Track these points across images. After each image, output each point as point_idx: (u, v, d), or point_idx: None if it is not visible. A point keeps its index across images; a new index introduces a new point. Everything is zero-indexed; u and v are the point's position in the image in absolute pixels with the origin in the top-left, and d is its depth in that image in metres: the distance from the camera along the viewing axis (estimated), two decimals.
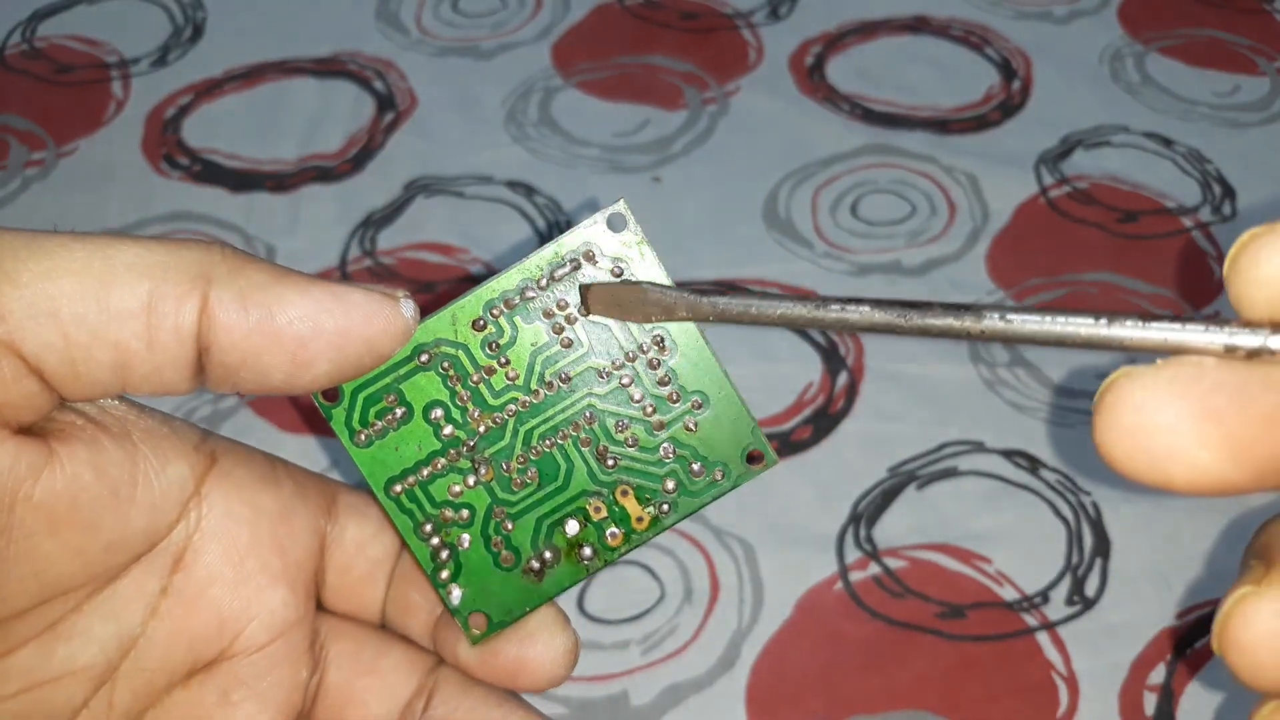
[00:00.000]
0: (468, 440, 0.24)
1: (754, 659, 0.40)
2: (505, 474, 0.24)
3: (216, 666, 0.24)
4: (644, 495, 0.24)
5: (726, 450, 0.24)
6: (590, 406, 0.24)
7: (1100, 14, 0.64)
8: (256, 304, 0.20)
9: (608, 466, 0.24)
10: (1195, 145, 0.57)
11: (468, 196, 0.55)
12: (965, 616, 0.41)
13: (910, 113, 0.59)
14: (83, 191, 0.55)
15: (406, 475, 0.24)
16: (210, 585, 0.23)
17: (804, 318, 0.20)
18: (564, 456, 0.24)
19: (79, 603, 0.22)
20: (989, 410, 0.46)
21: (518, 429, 0.24)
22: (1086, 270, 0.51)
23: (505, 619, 0.24)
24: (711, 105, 0.59)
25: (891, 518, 0.44)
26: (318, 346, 0.21)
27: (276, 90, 0.60)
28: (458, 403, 0.23)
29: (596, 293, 0.23)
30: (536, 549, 0.24)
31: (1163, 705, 0.39)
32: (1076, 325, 0.18)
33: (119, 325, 0.20)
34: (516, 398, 0.23)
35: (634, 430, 0.24)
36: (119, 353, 0.20)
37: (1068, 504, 0.44)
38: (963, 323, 0.19)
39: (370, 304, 0.21)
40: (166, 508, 0.22)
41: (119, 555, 0.22)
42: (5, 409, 0.20)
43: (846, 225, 0.54)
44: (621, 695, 0.39)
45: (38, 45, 0.63)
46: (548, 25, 0.64)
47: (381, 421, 0.23)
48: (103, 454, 0.21)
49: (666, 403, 0.24)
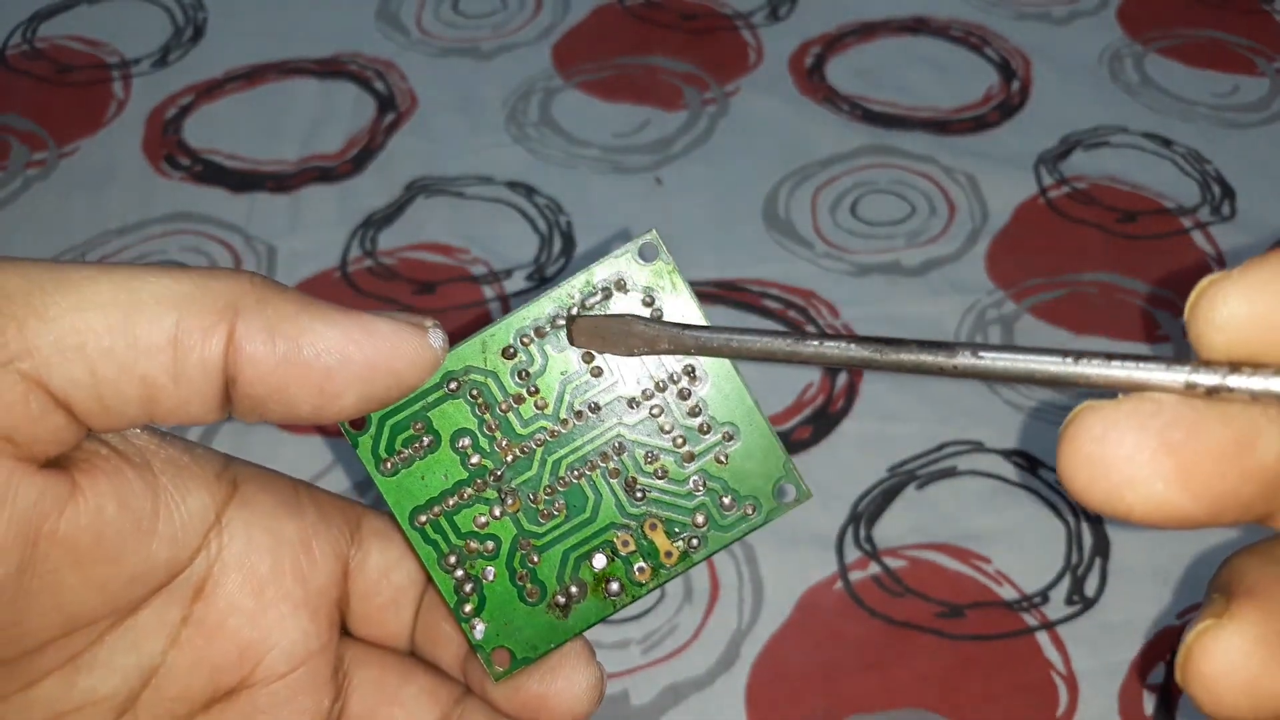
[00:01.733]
0: (495, 470, 0.23)
1: (754, 658, 0.40)
2: (532, 505, 0.23)
3: (238, 695, 0.24)
4: (673, 529, 0.24)
5: (757, 484, 0.23)
6: (619, 437, 0.23)
7: (1099, 14, 0.64)
8: (284, 336, 0.20)
9: (636, 499, 0.23)
10: (1194, 145, 0.57)
11: (468, 197, 0.55)
12: (965, 616, 0.41)
13: (910, 113, 0.59)
14: (84, 192, 0.55)
15: (432, 505, 0.23)
16: (231, 615, 0.23)
17: (782, 352, 0.21)
18: (592, 488, 0.23)
19: (101, 634, 0.22)
20: (989, 410, 0.47)
21: (545, 459, 0.23)
22: (1085, 270, 0.52)
23: (529, 655, 0.24)
24: (711, 106, 0.59)
25: (891, 517, 0.44)
26: (345, 378, 0.21)
27: (277, 91, 0.60)
28: (485, 431, 0.23)
29: (581, 325, 0.23)
30: (562, 584, 0.24)
31: (1162, 705, 0.39)
32: (1045, 363, 0.18)
33: (146, 359, 0.20)
34: (545, 427, 0.23)
35: (663, 462, 0.23)
36: (146, 387, 0.20)
37: (1067, 504, 0.44)
38: (936, 359, 0.19)
39: (398, 335, 0.21)
40: (188, 538, 0.22)
41: (141, 587, 0.22)
42: (32, 444, 0.19)
43: (846, 225, 0.54)
44: (622, 695, 0.39)
45: (39, 46, 0.63)
46: (548, 26, 0.64)
47: (408, 450, 0.23)
48: (126, 486, 0.21)
49: (697, 434, 0.23)
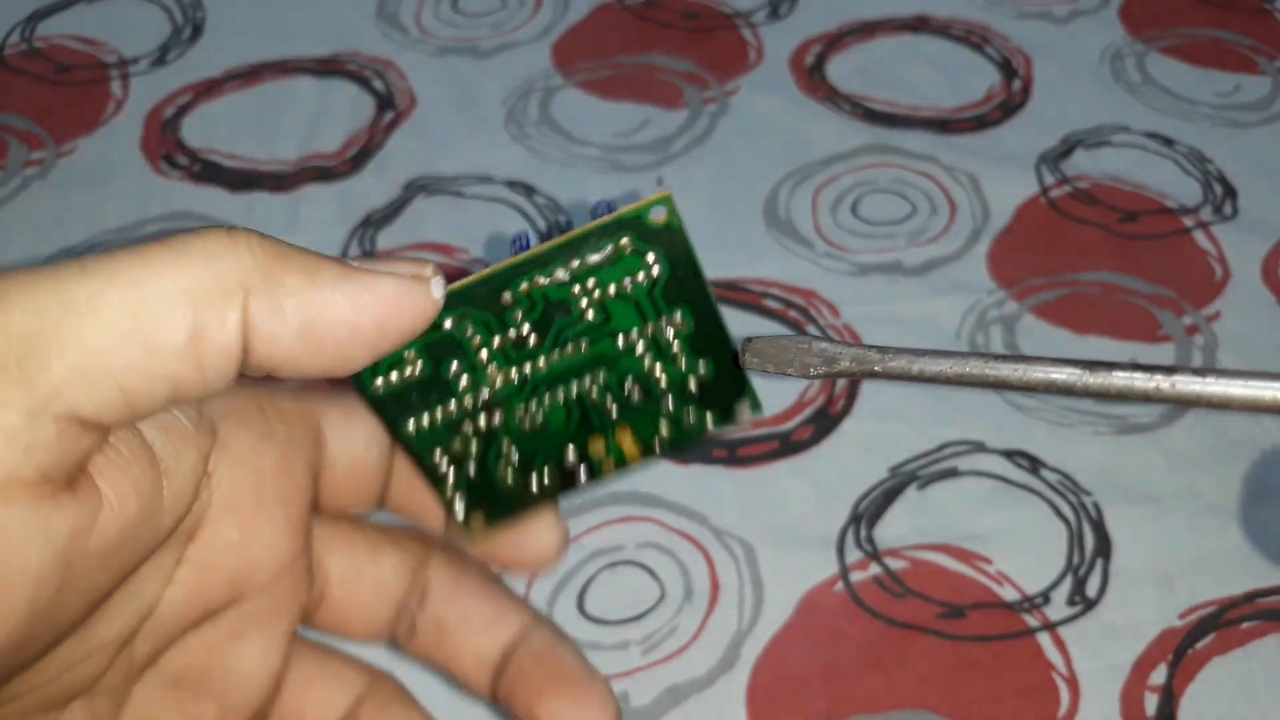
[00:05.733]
0: (483, 392, 0.24)
1: (754, 659, 0.40)
2: (516, 418, 0.25)
3: (227, 610, 0.25)
4: (639, 434, 0.25)
5: (720, 400, 0.25)
6: (604, 367, 0.25)
7: (1101, 13, 0.64)
8: (295, 313, 0.20)
9: (612, 415, 0.25)
10: (1196, 145, 0.57)
11: (467, 196, 0.55)
12: (966, 617, 0.41)
13: (911, 112, 0.59)
14: (82, 191, 0.55)
15: (422, 416, 0.24)
16: (221, 551, 0.24)
17: (973, 375, 0.20)
18: (573, 406, 0.25)
19: (109, 595, 0.23)
20: (990, 410, 0.46)
21: (533, 384, 0.25)
22: (1087, 270, 0.51)
23: (502, 521, 0.26)
24: (711, 105, 0.59)
25: (892, 518, 0.43)
26: (357, 345, 0.21)
27: (276, 90, 0.60)
28: (478, 362, 0.24)
29: (758, 346, 0.23)
30: (537, 470, 0.25)
31: (1164, 706, 0.39)
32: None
33: (170, 362, 0.20)
34: (536, 359, 0.24)
35: (641, 387, 0.25)
36: (173, 384, 0.20)
37: (1069, 504, 0.44)
38: (1153, 382, 0.18)
39: (403, 293, 0.21)
40: (185, 498, 0.23)
41: (148, 551, 0.23)
42: (66, 470, 0.20)
43: (847, 225, 0.53)
44: (622, 696, 0.39)
45: (37, 45, 0.63)
46: (548, 25, 0.64)
47: (399, 375, 0.24)
48: (140, 477, 0.21)
49: (675, 368, 0.25)
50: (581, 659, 0.26)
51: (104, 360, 0.19)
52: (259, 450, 0.25)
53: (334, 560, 0.26)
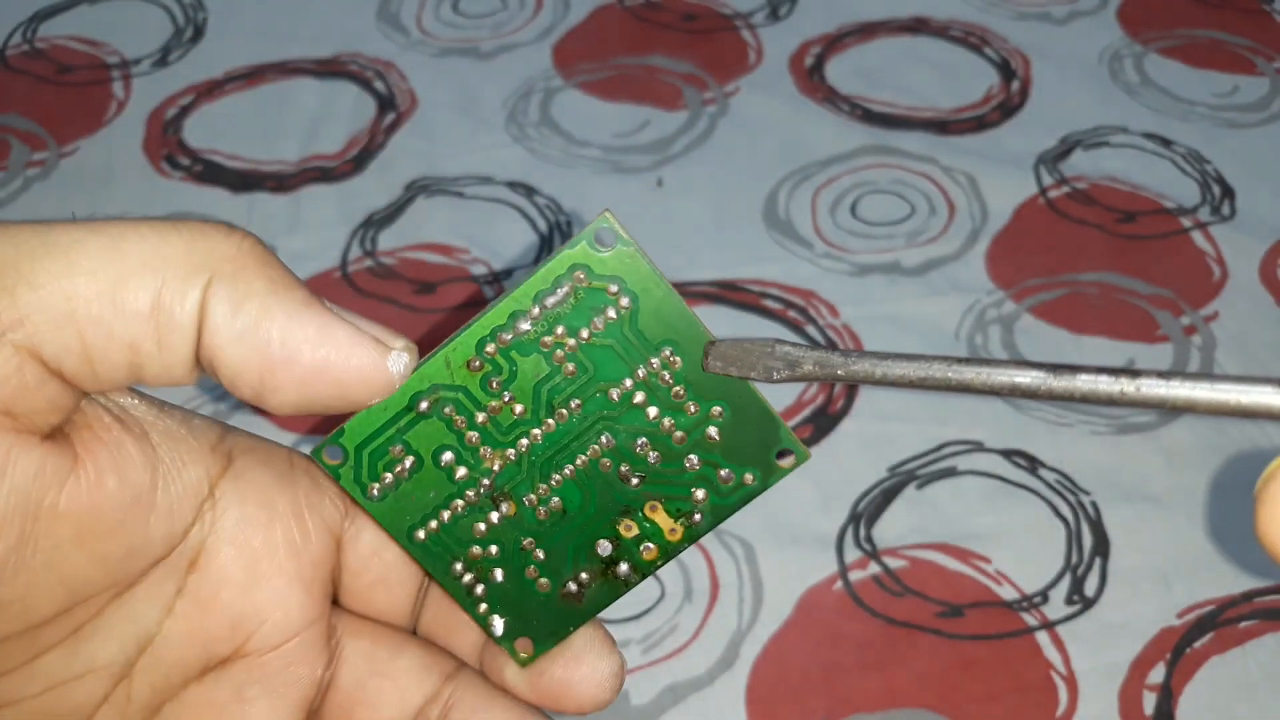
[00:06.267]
0: (483, 480, 0.23)
1: (754, 658, 0.40)
2: (529, 507, 0.23)
3: (232, 664, 0.24)
4: (673, 507, 0.23)
5: (754, 452, 0.23)
6: (606, 429, 0.23)
7: (1099, 15, 0.64)
8: (244, 314, 0.20)
9: (632, 485, 0.23)
10: (1194, 145, 0.57)
11: (468, 197, 0.55)
12: (965, 616, 0.41)
13: (910, 113, 0.59)
14: (84, 192, 0.56)
15: (427, 521, 0.23)
16: (224, 587, 0.23)
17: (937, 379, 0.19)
18: (586, 482, 0.23)
19: (101, 606, 0.22)
20: (988, 410, 0.47)
21: (534, 462, 0.23)
22: (1086, 270, 0.52)
23: (550, 640, 0.24)
24: (711, 106, 0.59)
25: (891, 517, 0.44)
26: (287, 375, 0.20)
27: (277, 91, 0.60)
28: (467, 444, 0.22)
29: (719, 349, 0.22)
30: (573, 573, 0.24)
31: (1162, 705, 0.39)
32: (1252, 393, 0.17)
33: (132, 325, 0.20)
34: (528, 431, 0.23)
35: (654, 445, 0.23)
36: (132, 352, 0.20)
37: (1067, 504, 0.44)
38: (1118, 385, 0.17)
39: (353, 348, 0.20)
40: (183, 512, 0.22)
41: (139, 560, 0.22)
42: (31, 414, 0.19)
43: (846, 225, 0.54)
44: (621, 695, 0.39)
45: (39, 46, 0.63)
46: (548, 26, 0.64)
47: (391, 474, 0.22)
48: (126, 460, 0.21)
49: (684, 414, 0.23)
50: None
51: (71, 305, 0.19)
52: (274, 491, 0.24)
53: (353, 647, 0.25)
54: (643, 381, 0.22)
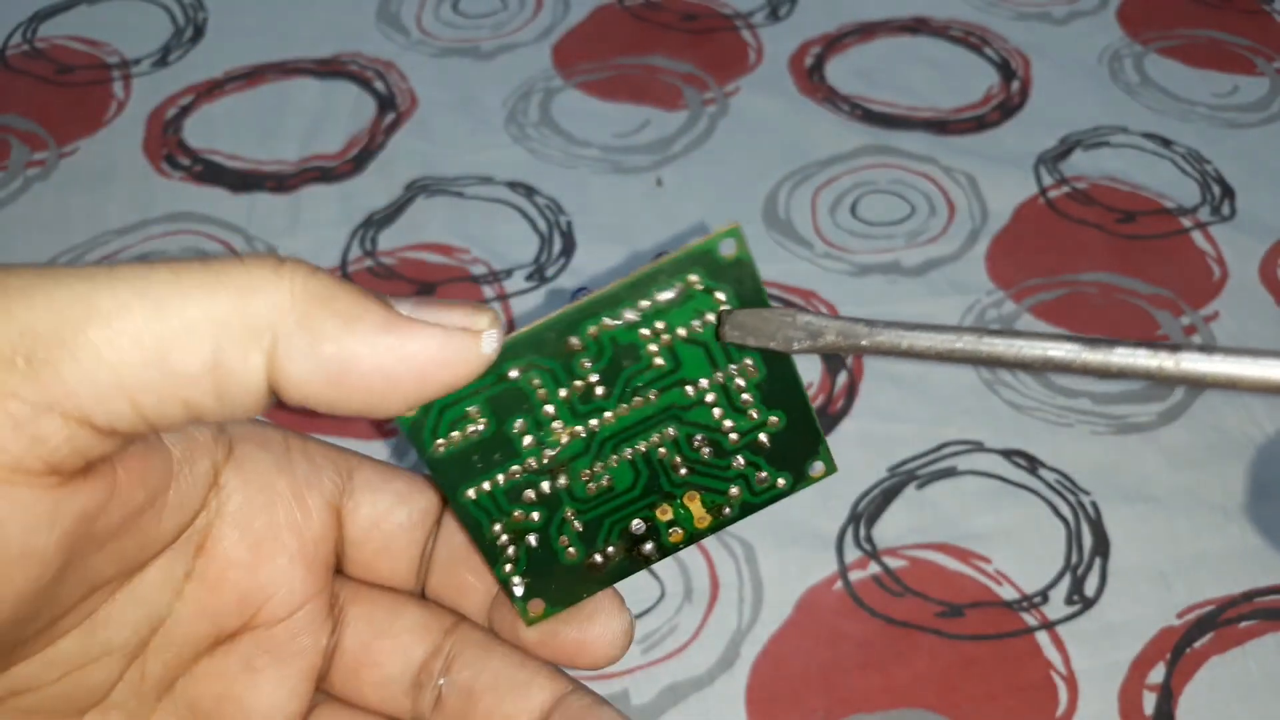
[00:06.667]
0: (548, 451, 0.23)
1: (754, 658, 0.40)
2: (582, 481, 0.23)
3: (240, 637, 0.25)
4: (709, 500, 0.24)
5: (792, 459, 0.24)
6: (674, 422, 0.23)
7: (1099, 15, 0.64)
8: (329, 358, 0.20)
9: (680, 475, 0.24)
10: (1194, 145, 0.57)
11: (468, 197, 0.55)
12: (965, 616, 0.41)
13: (910, 113, 0.59)
14: (84, 192, 0.56)
15: (482, 482, 0.23)
16: (230, 568, 0.24)
17: (962, 351, 0.19)
18: (640, 466, 0.24)
19: (113, 591, 0.23)
20: (988, 410, 0.47)
21: (600, 441, 0.23)
22: (1085, 270, 0.52)
23: (563, 604, 0.25)
24: (711, 106, 0.59)
25: (891, 517, 0.44)
26: (393, 394, 0.21)
27: (277, 91, 0.60)
28: (543, 416, 0.23)
29: (736, 318, 0.22)
30: (601, 546, 0.24)
31: (1162, 705, 0.39)
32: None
33: (185, 388, 0.19)
34: (602, 412, 0.23)
35: (709, 444, 0.24)
36: (189, 409, 0.20)
37: (1067, 504, 0.44)
38: (1157, 360, 0.16)
39: (450, 347, 0.20)
40: (192, 503, 0.23)
41: (152, 550, 0.23)
42: (80, 464, 0.19)
43: (846, 225, 0.54)
44: (622, 694, 0.39)
45: (39, 46, 0.63)
46: (548, 26, 0.64)
47: (461, 434, 0.22)
48: (151, 471, 0.21)
49: (745, 418, 0.23)
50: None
51: (118, 374, 0.19)
52: (273, 473, 0.24)
53: (355, 612, 0.26)
54: (719, 384, 0.23)
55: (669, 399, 0.23)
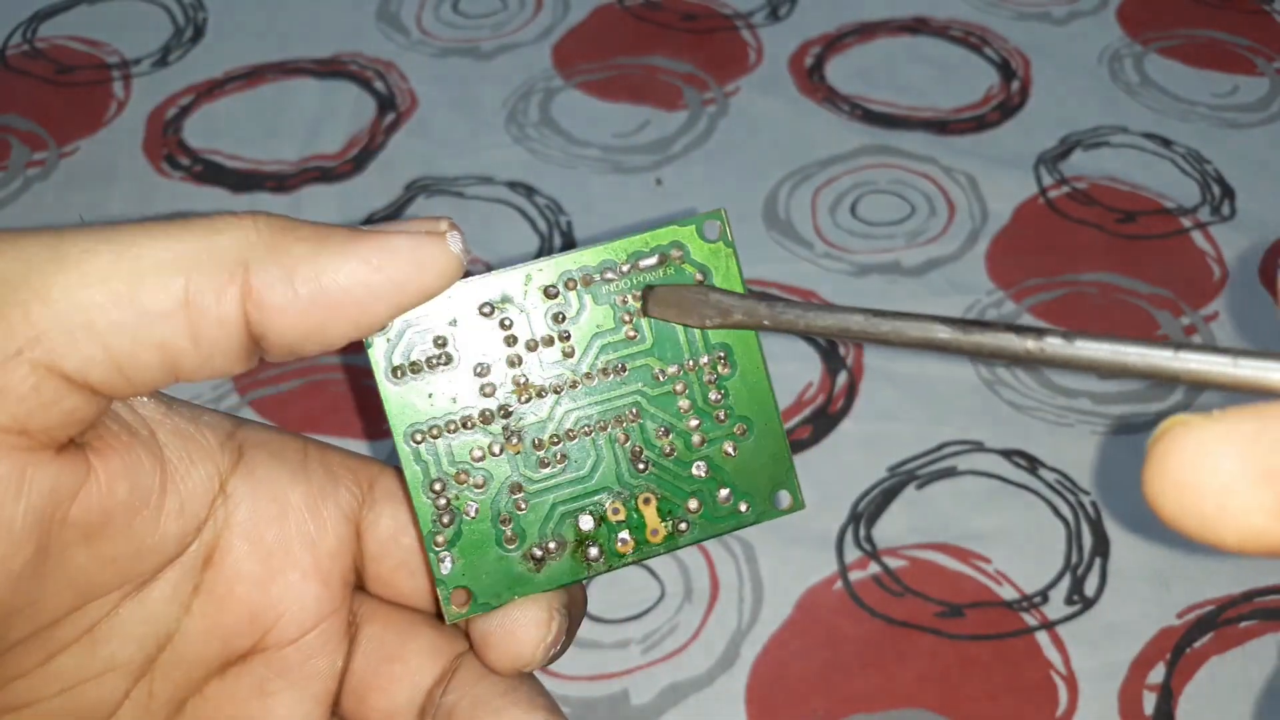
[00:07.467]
0: (506, 405, 0.23)
1: (754, 658, 0.40)
2: (534, 450, 0.23)
3: (251, 658, 0.24)
4: (666, 508, 0.23)
5: (758, 483, 0.24)
6: (637, 404, 0.23)
7: (1099, 14, 0.64)
8: (304, 279, 0.20)
9: (638, 470, 0.23)
10: (1194, 145, 0.57)
11: (468, 197, 0.55)
12: (964, 616, 0.41)
13: (910, 113, 0.59)
14: (84, 192, 0.56)
15: (432, 425, 0.23)
16: (239, 582, 0.23)
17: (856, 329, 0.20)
18: (597, 447, 0.23)
19: (115, 605, 0.22)
20: (988, 410, 0.47)
21: (559, 406, 0.23)
22: (1085, 270, 0.52)
23: (489, 603, 0.23)
24: (711, 106, 0.59)
25: (891, 517, 0.44)
26: (375, 304, 0.21)
27: (277, 91, 0.60)
28: (507, 364, 0.23)
29: (658, 294, 0.23)
30: (543, 536, 0.23)
31: (1162, 704, 0.39)
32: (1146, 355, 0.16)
33: (159, 326, 0.19)
34: (567, 375, 0.23)
35: (673, 440, 0.23)
36: (165, 352, 0.20)
37: (1067, 504, 0.44)
38: (1023, 343, 0.18)
39: (419, 250, 0.21)
40: (194, 510, 0.22)
41: (151, 559, 0.22)
42: (48, 430, 0.19)
43: (846, 225, 0.54)
44: (621, 694, 0.39)
45: (39, 46, 0.63)
46: (548, 26, 0.64)
47: (423, 362, 0.22)
48: (136, 465, 0.21)
49: (713, 420, 0.23)
50: None
51: (89, 315, 0.19)
52: (286, 484, 0.24)
53: (365, 632, 0.25)
54: (689, 372, 0.23)
55: (637, 377, 0.23)
